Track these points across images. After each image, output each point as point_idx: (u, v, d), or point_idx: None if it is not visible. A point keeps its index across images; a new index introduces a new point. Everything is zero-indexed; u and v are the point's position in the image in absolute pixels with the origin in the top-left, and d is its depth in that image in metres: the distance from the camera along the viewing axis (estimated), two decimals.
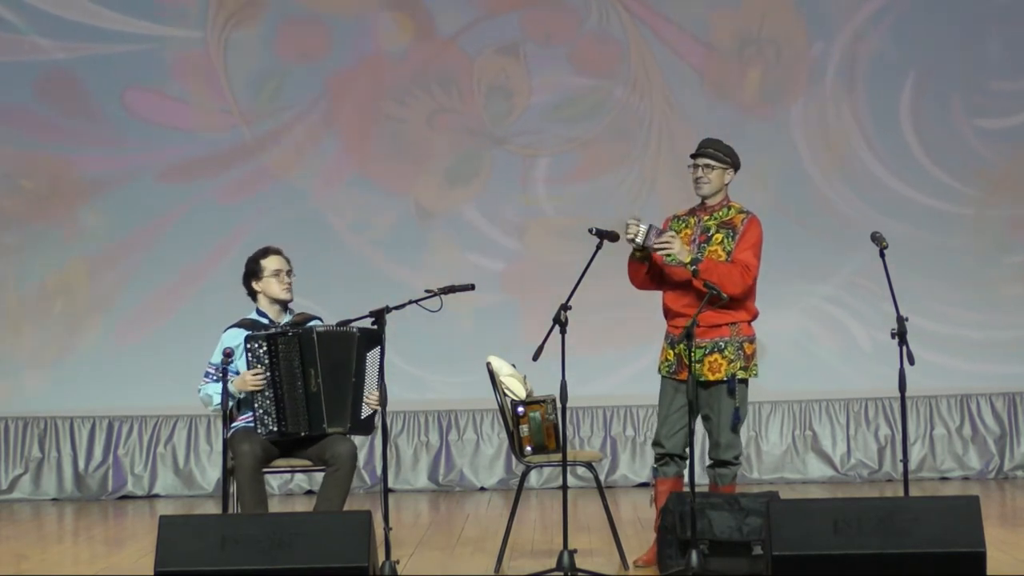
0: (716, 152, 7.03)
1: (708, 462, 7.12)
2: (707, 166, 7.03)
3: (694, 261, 6.86)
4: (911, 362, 6.55)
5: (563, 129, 10.57)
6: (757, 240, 6.99)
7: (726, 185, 7.09)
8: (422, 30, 10.62)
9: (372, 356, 6.94)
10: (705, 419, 7.02)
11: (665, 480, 7.05)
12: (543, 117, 10.58)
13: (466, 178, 10.59)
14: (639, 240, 6.82)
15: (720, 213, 7.04)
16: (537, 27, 10.62)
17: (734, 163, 7.08)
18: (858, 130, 10.60)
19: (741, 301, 6.94)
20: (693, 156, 7.08)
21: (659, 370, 7.10)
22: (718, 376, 6.94)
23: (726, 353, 6.94)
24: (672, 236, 6.89)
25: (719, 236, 6.97)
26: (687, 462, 6.97)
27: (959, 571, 5.93)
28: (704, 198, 7.07)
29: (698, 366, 6.91)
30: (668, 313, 7.08)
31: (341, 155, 10.63)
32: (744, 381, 6.98)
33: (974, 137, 10.58)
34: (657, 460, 7.08)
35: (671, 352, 7.02)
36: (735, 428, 6.93)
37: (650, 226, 6.84)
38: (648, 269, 7.01)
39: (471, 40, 10.60)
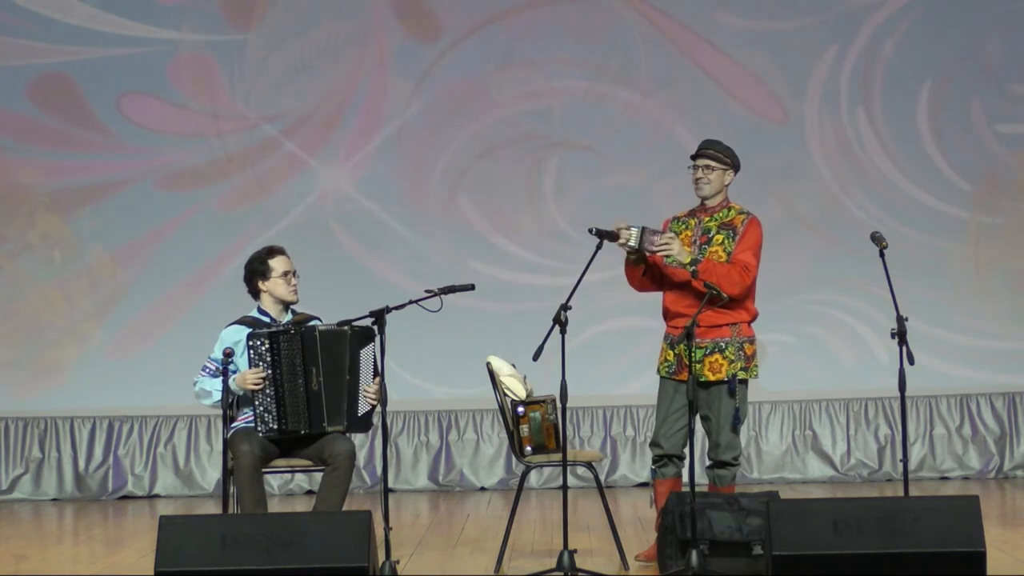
0: (716, 153, 7.03)
1: (707, 463, 7.12)
2: (707, 167, 7.03)
3: (694, 262, 6.87)
4: (911, 362, 6.56)
5: (584, 123, 10.54)
6: (757, 241, 7.00)
7: (726, 186, 7.09)
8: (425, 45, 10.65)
9: (366, 353, 6.96)
10: (704, 419, 7.03)
11: (664, 481, 7.06)
12: (568, 109, 10.57)
13: (479, 186, 10.59)
14: (632, 243, 6.84)
15: (720, 214, 7.05)
16: (521, 27, 10.59)
17: (734, 164, 7.08)
18: (874, 135, 10.58)
19: (741, 302, 6.96)
20: (693, 157, 7.08)
21: (658, 371, 7.11)
22: (719, 376, 6.95)
23: (727, 353, 6.95)
24: (671, 237, 6.90)
25: (720, 237, 6.98)
26: (685, 462, 7.01)
27: (959, 571, 5.93)
28: (704, 199, 7.07)
29: (698, 366, 6.92)
30: (667, 314, 7.08)
31: (343, 160, 10.61)
32: (744, 382, 6.99)
33: (995, 142, 10.56)
34: (655, 461, 7.09)
35: (671, 353, 7.03)
36: (735, 428, 6.94)
37: (643, 228, 6.85)
38: (645, 271, 7.02)
39: (467, 65, 10.58)
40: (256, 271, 7.09)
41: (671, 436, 7.02)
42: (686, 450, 6.97)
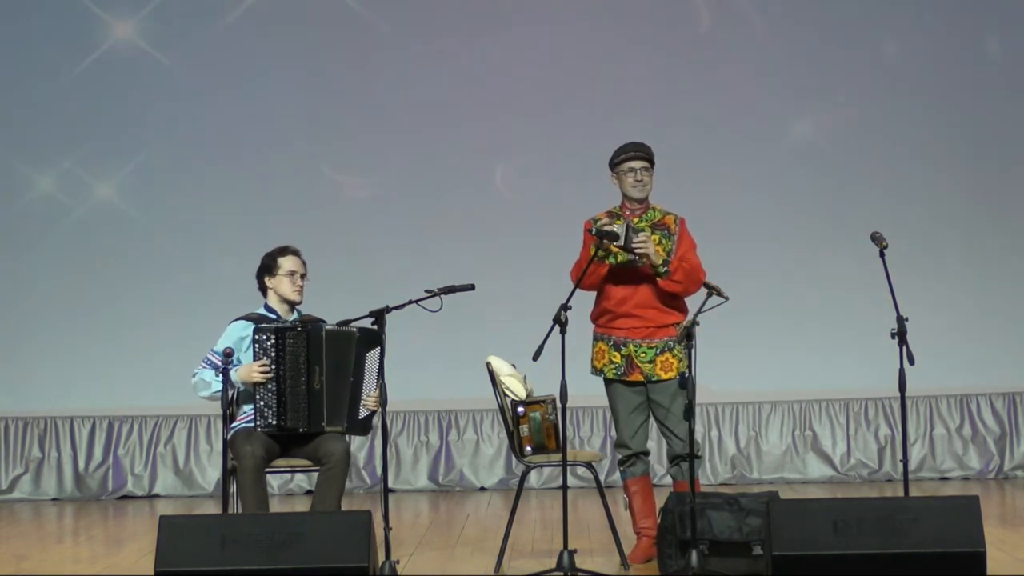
0: (650, 155, 7.13)
1: (668, 462, 7.21)
2: (645, 169, 7.12)
3: (666, 262, 6.95)
4: (911, 362, 6.57)
5: (584, 124, 10.49)
6: (693, 241, 7.13)
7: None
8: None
9: (371, 357, 6.95)
10: (661, 419, 7.07)
11: (637, 479, 7.14)
12: (568, 109, 10.56)
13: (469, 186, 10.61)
14: (620, 241, 6.89)
15: (648, 215, 7.16)
16: (521, 28, 10.61)
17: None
18: (876, 134, 10.58)
19: (682, 299, 7.09)
20: (631, 159, 7.09)
21: (602, 373, 7.13)
22: (671, 375, 7.04)
23: (675, 352, 7.02)
24: (648, 237, 6.95)
25: (656, 237, 7.05)
26: (649, 457, 7.18)
27: (959, 571, 5.93)
28: (639, 200, 7.12)
29: (650, 366, 7.02)
30: (608, 314, 7.11)
31: (343, 160, 10.62)
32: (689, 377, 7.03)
33: (997, 142, 10.57)
34: (624, 462, 7.15)
35: (617, 355, 7.07)
36: (688, 421, 6.93)
37: (627, 226, 6.90)
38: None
39: (467, 66, 10.59)
40: (265, 267, 7.14)
41: (635, 436, 7.12)
42: (649, 445, 7.17)
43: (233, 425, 6.98)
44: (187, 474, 10.51)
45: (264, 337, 6.88)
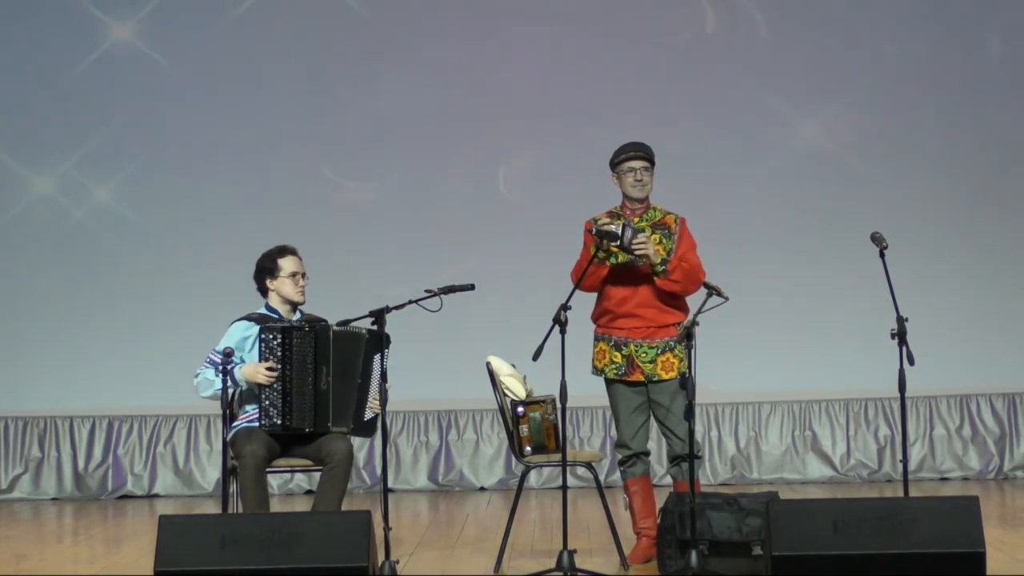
0: (650, 155, 7.12)
1: (668, 463, 7.20)
2: (645, 169, 7.11)
3: (664, 262, 6.95)
4: (911, 362, 6.57)
5: (584, 125, 10.49)
6: (694, 240, 7.13)
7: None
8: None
9: (378, 359, 6.94)
10: (662, 419, 7.07)
11: (637, 479, 7.14)
12: (568, 111, 10.55)
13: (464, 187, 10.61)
14: (618, 242, 6.90)
15: (649, 215, 7.16)
16: (522, 27, 10.62)
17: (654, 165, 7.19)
18: (875, 134, 10.58)
19: (683, 299, 7.10)
20: (630, 159, 7.09)
21: (603, 373, 7.13)
22: (672, 375, 7.04)
23: (676, 352, 7.02)
24: (648, 237, 6.95)
25: (656, 237, 7.05)
26: (649, 458, 7.18)
27: (959, 571, 5.93)
28: (639, 200, 7.12)
29: (651, 366, 7.02)
30: (608, 314, 7.11)
31: (343, 161, 10.62)
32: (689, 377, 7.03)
33: (997, 142, 10.57)
34: (624, 462, 7.15)
35: (618, 355, 7.07)
36: (689, 422, 6.93)
37: (624, 226, 6.90)
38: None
39: (467, 66, 10.59)
40: (265, 269, 7.11)
41: (636, 436, 7.11)
42: (650, 445, 7.16)
43: (235, 424, 6.97)
44: (187, 474, 10.51)
45: (271, 336, 6.86)
